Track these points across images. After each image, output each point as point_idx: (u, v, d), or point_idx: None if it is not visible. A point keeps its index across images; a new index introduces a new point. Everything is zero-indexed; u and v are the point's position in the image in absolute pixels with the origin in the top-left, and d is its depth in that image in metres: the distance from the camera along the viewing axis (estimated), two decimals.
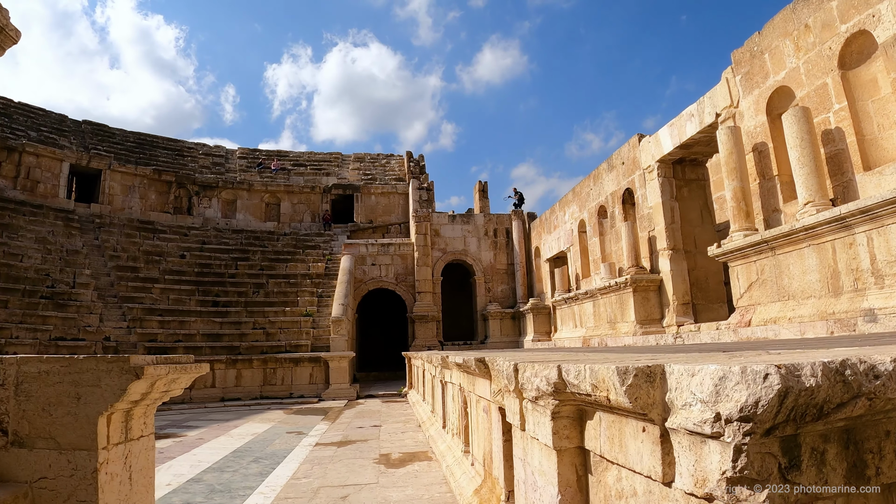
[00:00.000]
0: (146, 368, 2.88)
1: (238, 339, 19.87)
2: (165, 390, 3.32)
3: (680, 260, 13.61)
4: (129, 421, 3.21)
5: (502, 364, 3.45)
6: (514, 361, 3.07)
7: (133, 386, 2.90)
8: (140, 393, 3.03)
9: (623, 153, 15.96)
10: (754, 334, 9.38)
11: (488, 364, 4.56)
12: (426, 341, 23.33)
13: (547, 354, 4.67)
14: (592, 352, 6.18)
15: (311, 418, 13.41)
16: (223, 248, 25.56)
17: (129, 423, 3.22)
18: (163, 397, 3.39)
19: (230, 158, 32.27)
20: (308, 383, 18.50)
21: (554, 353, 4.97)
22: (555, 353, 4.98)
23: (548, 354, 4.63)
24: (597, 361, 2.43)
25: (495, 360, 4.31)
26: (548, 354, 4.63)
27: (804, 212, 8.71)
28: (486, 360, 4.55)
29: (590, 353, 4.48)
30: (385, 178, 31.06)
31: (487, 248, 25.47)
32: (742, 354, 2.20)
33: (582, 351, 6.86)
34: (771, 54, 10.49)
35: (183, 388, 3.59)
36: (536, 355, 4.46)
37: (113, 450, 3.04)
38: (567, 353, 4.67)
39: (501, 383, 4.08)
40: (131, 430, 3.24)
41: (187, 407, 17.41)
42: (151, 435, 3.49)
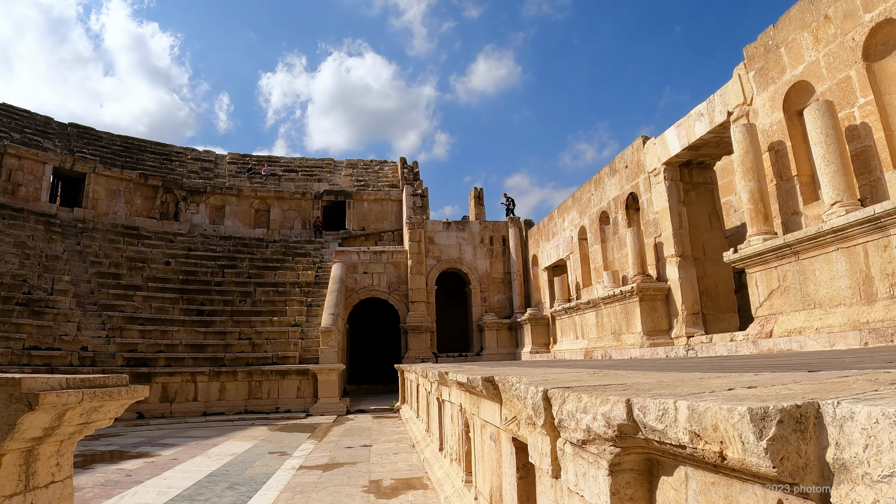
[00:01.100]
0: (44, 396, 2.11)
1: (223, 350, 19.00)
2: (84, 422, 2.54)
3: (689, 267, 12.90)
4: (33, 463, 2.43)
5: (521, 388, 2.70)
6: (543, 387, 2.32)
7: (27, 420, 2.12)
8: (41, 428, 2.25)
9: (626, 156, 15.29)
10: (777, 346, 8.66)
11: (499, 385, 3.80)
12: (420, 353, 22.52)
13: (574, 373, 3.92)
14: (611, 368, 5.44)
15: (296, 436, 12.57)
16: (210, 255, 24.71)
17: (33, 467, 2.43)
18: (82, 431, 2.61)
19: (219, 163, 31.46)
20: (295, 397, 17.63)
21: (575, 371, 4.22)
22: (576, 371, 4.23)
23: (576, 374, 3.88)
24: (659, 389, 1.70)
25: (509, 382, 3.56)
26: (576, 374, 3.88)
27: (832, 212, 8.02)
28: (495, 379, 3.80)
29: (630, 373, 3.73)
30: (378, 184, 30.30)
31: (483, 257, 24.73)
32: (839, 374, 1.46)
33: (600, 367, 6.11)
34: (787, 48, 9.85)
35: (112, 418, 2.80)
36: (559, 374, 3.71)
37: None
38: (597, 373, 3.92)
39: (519, 411, 3.32)
40: (36, 474, 2.45)
41: (167, 422, 16.51)
42: (69, 479, 2.70)
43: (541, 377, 3.41)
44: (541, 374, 3.89)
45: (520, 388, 2.72)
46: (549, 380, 3.12)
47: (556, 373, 4.02)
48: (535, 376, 3.52)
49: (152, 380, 17.41)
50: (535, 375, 3.69)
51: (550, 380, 3.07)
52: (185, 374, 17.77)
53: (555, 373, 4.11)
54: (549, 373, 4.16)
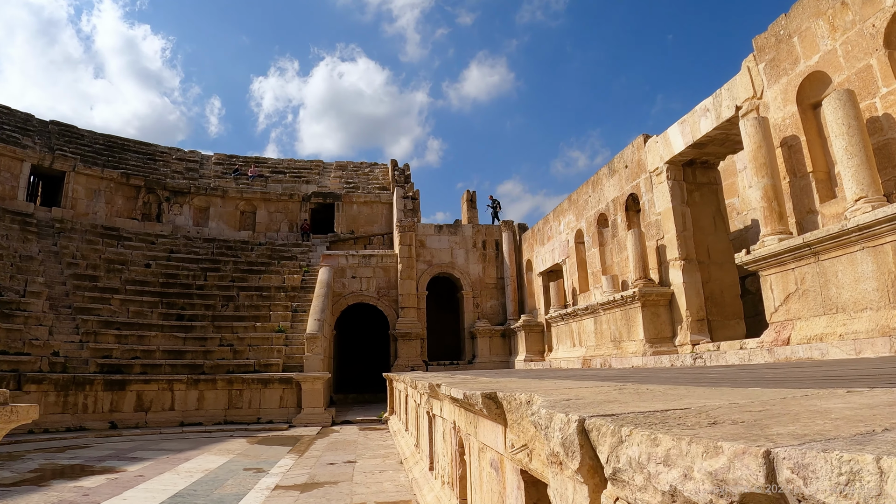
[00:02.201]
0: None
1: (202, 357, 18.15)
2: None
3: (693, 271, 12.25)
4: None
5: (540, 413, 1.99)
6: (577, 415, 1.61)
7: None
8: None
9: (626, 156, 14.67)
10: (795, 354, 7.99)
11: (503, 404, 3.09)
12: (409, 361, 21.74)
13: (596, 388, 3.21)
14: (627, 379, 4.73)
15: (276, 450, 11.78)
16: (192, 257, 23.86)
17: None
18: None
19: (205, 164, 30.62)
20: (278, 407, 16.81)
21: (594, 384, 3.51)
22: (596, 384, 3.52)
23: (599, 389, 3.17)
24: (772, 422, 1.01)
25: (516, 400, 2.85)
26: (599, 389, 3.17)
27: (856, 209, 7.38)
28: (498, 397, 3.09)
29: (667, 388, 3.02)
30: (368, 186, 29.54)
31: (476, 261, 24.02)
32: None
33: (612, 378, 5.40)
34: (801, 37, 9.25)
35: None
36: (575, 388, 2.99)
37: None
38: (624, 388, 3.22)
39: (531, 438, 2.62)
40: None
41: (140, 433, 15.64)
42: None
43: (557, 394, 2.70)
44: (554, 389, 3.18)
45: (538, 413, 2.01)
46: (570, 399, 2.41)
47: (571, 386, 3.31)
48: (548, 392, 2.82)
49: (127, 387, 16.58)
50: (547, 391, 2.99)
51: (573, 399, 2.36)
52: (162, 381, 16.92)
53: (568, 386, 3.40)
54: (561, 386, 3.45)
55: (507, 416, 3.11)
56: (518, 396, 2.89)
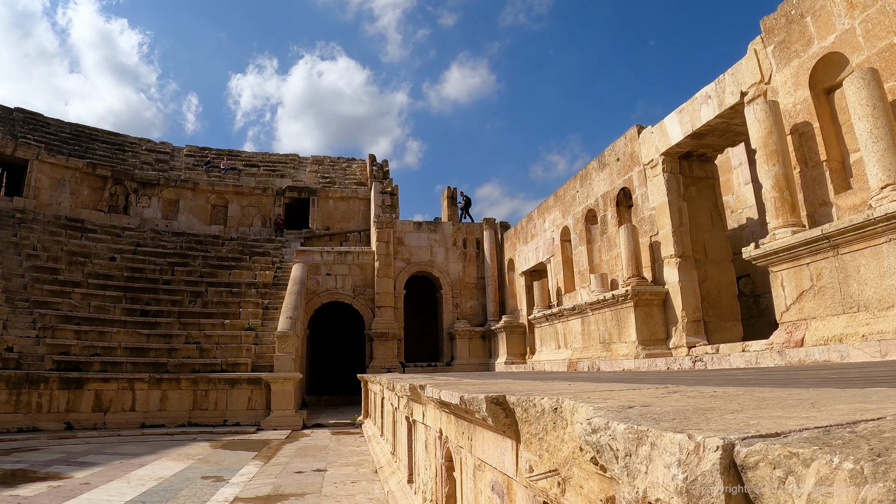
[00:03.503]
0: None
1: (166, 355, 17.06)
2: None
3: (689, 269, 11.58)
4: None
5: (603, 426, 1.18)
6: (723, 438, 0.79)
7: None
8: None
9: (618, 148, 13.98)
10: (810, 356, 7.30)
11: (514, 411, 2.28)
12: (386, 362, 20.83)
13: (633, 392, 2.39)
14: (645, 381, 3.94)
15: (240, 455, 10.81)
16: (160, 251, 22.68)
17: None
18: None
19: (176, 156, 29.39)
20: (246, 409, 15.79)
21: (632, 388, 2.68)
22: (633, 387, 2.69)
23: (636, 394, 2.34)
24: None
25: (536, 407, 2.06)
26: (636, 394, 2.34)
27: (882, 197, 6.71)
28: (509, 402, 2.27)
29: (715, 390, 2.22)
30: (345, 181, 28.55)
31: (456, 260, 23.19)
32: None
33: (627, 380, 4.61)
34: (814, 17, 8.61)
35: None
36: (604, 391, 2.18)
37: None
38: (668, 392, 2.40)
39: (564, 462, 1.80)
40: None
41: (97, 435, 14.55)
42: None
43: (601, 400, 1.89)
44: (583, 393, 2.37)
45: (595, 427, 1.20)
46: (634, 406, 1.61)
47: (603, 390, 2.51)
48: (584, 397, 2.01)
49: (84, 386, 15.48)
50: (580, 395, 2.18)
51: (639, 406, 1.57)
52: (123, 380, 15.82)
53: (596, 389, 2.60)
54: (588, 389, 2.64)
55: (519, 429, 2.29)
56: (539, 402, 2.08)
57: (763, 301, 14.22)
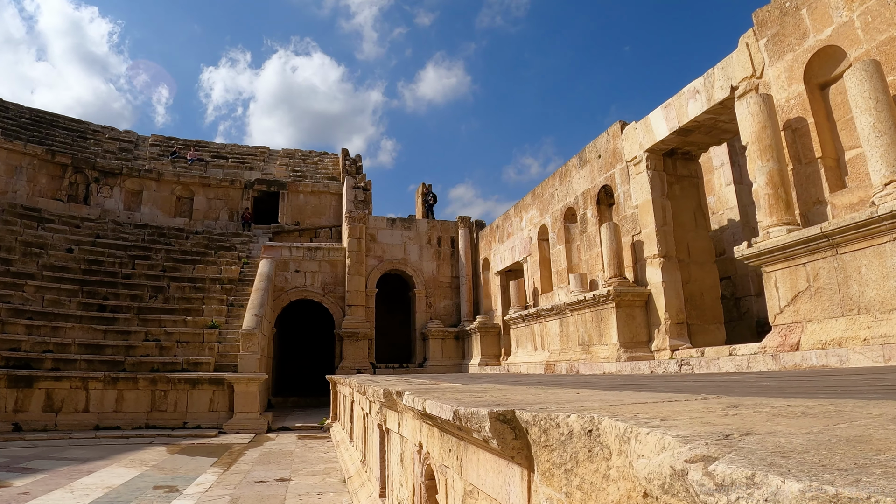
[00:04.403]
0: None
1: (124, 353, 16.16)
2: None
3: (673, 270, 11.22)
4: None
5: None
6: None
7: None
8: None
9: (599, 144, 13.59)
10: (806, 361, 6.93)
11: (528, 432, 1.75)
12: (356, 362, 20.17)
13: (687, 404, 1.84)
14: (667, 388, 3.45)
15: (198, 462, 10.09)
16: (121, 243, 21.64)
17: None
18: None
19: (140, 145, 28.26)
20: (207, 411, 14.99)
21: (664, 396, 2.14)
22: (666, 397, 2.15)
23: (693, 405, 1.80)
24: None
25: (560, 428, 1.54)
26: (693, 405, 1.80)
27: (886, 194, 6.37)
28: (520, 419, 1.74)
29: (801, 403, 1.70)
30: (317, 176, 27.73)
31: (430, 258, 22.63)
32: None
33: (637, 385, 4.11)
34: (810, 9, 8.29)
35: None
36: (632, 401, 1.65)
37: None
38: (731, 408, 1.86)
39: None
40: None
41: (46, 437, 13.64)
42: None
43: (644, 415, 1.37)
44: (605, 404, 1.85)
45: (713, 482, 0.67)
46: (723, 435, 1.07)
47: (620, 401, 1.99)
48: (619, 413, 1.49)
49: (35, 385, 14.54)
50: (606, 408, 1.66)
51: (724, 435, 1.03)
52: (76, 379, 14.88)
53: (615, 400, 2.08)
54: (610, 401, 2.12)
55: (534, 454, 1.75)
56: (564, 421, 1.55)
57: (744, 304, 13.98)
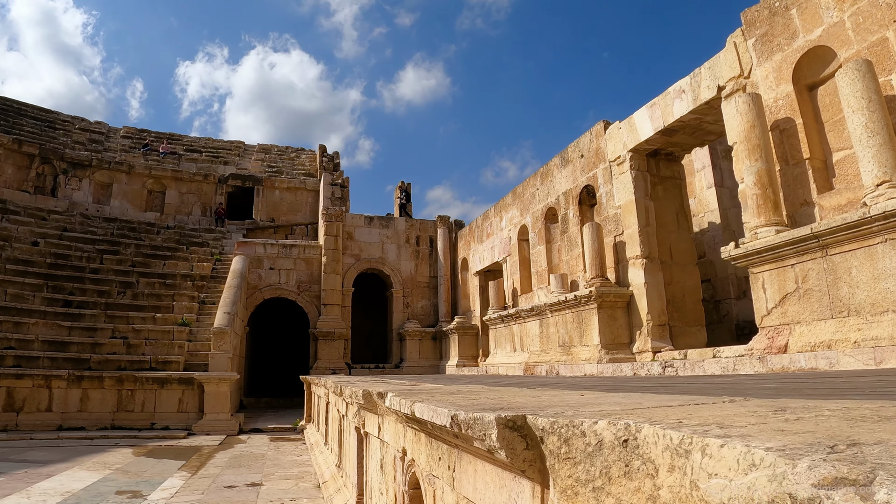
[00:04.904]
0: None
1: (89, 350, 15.57)
2: None
3: (656, 271, 11.09)
4: None
5: None
6: None
7: None
8: None
9: (582, 144, 13.44)
10: (795, 363, 6.81)
11: (544, 439, 1.50)
12: (331, 363, 19.77)
13: (741, 407, 1.58)
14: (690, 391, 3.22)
15: (165, 465, 9.67)
16: (89, 237, 20.94)
17: None
18: None
19: (111, 137, 27.47)
20: (176, 411, 14.49)
21: (703, 401, 1.89)
22: (700, 401, 1.90)
23: (755, 410, 1.54)
24: None
25: (587, 434, 1.30)
26: (755, 410, 1.54)
27: (879, 194, 6.27)
28: (528, 425, 1.49)
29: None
30: (293, 172, 27.22)
31: (408, 258, 22.32)
32: None
33: (630, 388, 3.88)
34: (800, 9, 8.20)
35: None
36: (662, 403, 1.39)
37: None
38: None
39: None
40: None
41: (6, 437, 13.05)
42: None
43: (675, 420, 1.12)
44: (625, 408, 1.59)
45: None
46: (828, 447, 0.80)
47: (637, 405, 1.74)
48: (658, 419, 1.23)
49: None
50: (630, 412, 1.40)
51: (829, 445, 0.77)
52: (38, 377, 14.28)
53: (633, 404, 1.84)
54: (625, 403, 1.87)
55: (549, 467, 1.50)
56: (591, 429, 1.31)
57: (723, 307, 13.94)
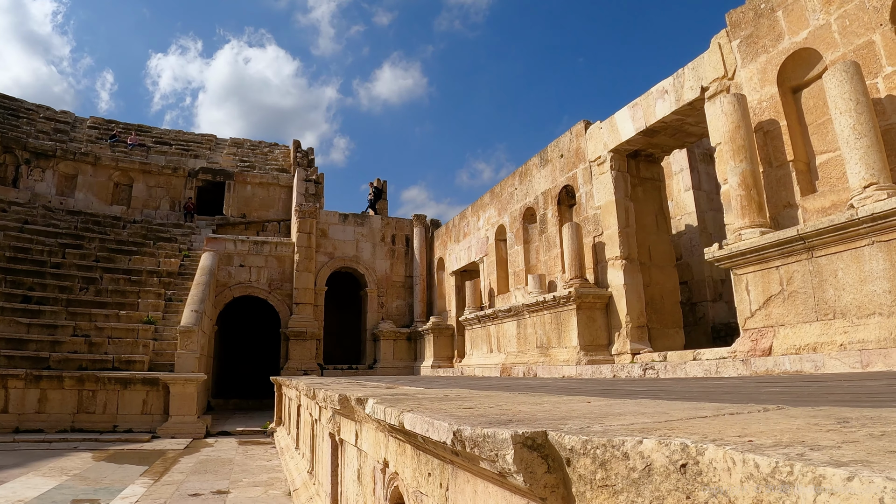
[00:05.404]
0: None
1: (49, 348, 14.92)
2: None
3: (635, 272, 10.98)
4: None
5: None
6: None
7: None
8: None
9: (562, 144, 13.30)
10: (779, 366, 6.70)
11: (573, 462, 1.24)
12: (303, 363, 19.34)
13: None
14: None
15: (127, 470, 9.22)
16: (51, 230, 20.18)
17: None
18: None
19: (78, 127, 26.58)
20: (140, 413, 13.96)
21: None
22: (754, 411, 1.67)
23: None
24: None
25: (630, 456, 1.03)
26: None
27: (866, 196, 6.19)
28: (551, 443, 1.23)
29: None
30: (266, 167, 26.65)
31: (384, 257, 21.98)
32: None
33: (639, 392, 3.64)
34: (786, 11, 8.14)
35: None
36: (710, 412, 1.16)
37: None
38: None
39: None
40: None
41: None
42: None
43: (775, 444, 0.87)
44: (657, 420, 1.35)
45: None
46: None
47: (666, 417, 1.50)
48: (705, 435, 0.99)
49: None
50: (673, 426, 1.16)
51: None
52: None
53: (659, 411, 1.60)
54: (645, 412, 1.63)
55: (575, 494, 1.24)
56: (635, 449, 1.07)
57: (699, 309, 13.93)
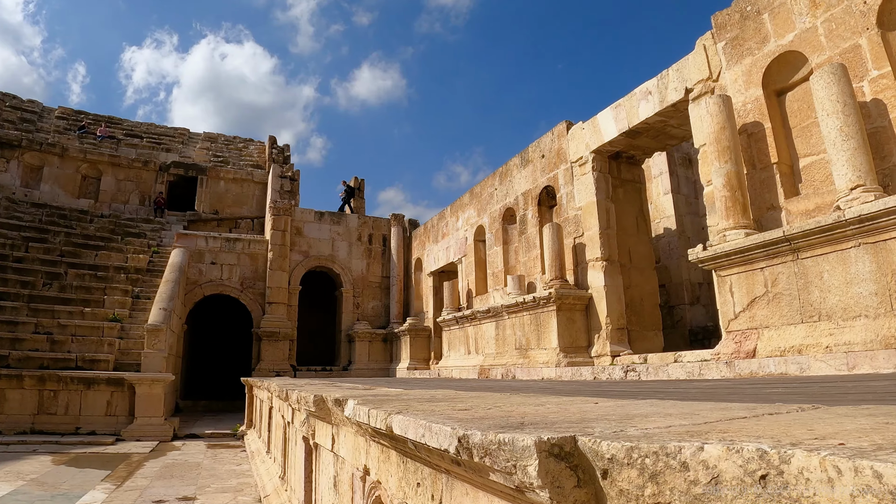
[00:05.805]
0: None
1: (9, 346, 14.29)
2: None
3: (615, 274, 10.88)
4: None
5: None
6: None
7: None
8: None
9: (543, 144, 13.17)
10: (763, 368, 6.61)
11: (613, 473, 1.02)
12: (275, 364, 18.91)
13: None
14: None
15: (88, 475, 8.79)
16: (14, 223, 19.42)
17: None
18: None
19: (45, 117, 25.74)
20: (104, 414, 13.43)
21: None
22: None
23: None
24: None
25: (690, 467, 0.83)
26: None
27: (853, 198, 6.13)
28: (581, 451, 1.02)
29: None
30: (240, 163, 26.12)
31: (360, 256, 21.64)
32: None
33: (637, 393, 3.46)
34: (773, 14, 8.11)
35: None
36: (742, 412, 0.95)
37: None
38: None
39: None
40: None
41: None
42: None
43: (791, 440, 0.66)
44: (692, 423, 1.15)
45: None
46: None
47: (697, 421, 1.31)
48: (779, 440, 0.78)
49: None
50: (712, 431, 0.96)
51: None
52: None
53: (685, 412, 1.40)
54: (672, 413, 1.43)
55: None
56: (702, 460, 0.85)
57: (677, 313, 13.91)
